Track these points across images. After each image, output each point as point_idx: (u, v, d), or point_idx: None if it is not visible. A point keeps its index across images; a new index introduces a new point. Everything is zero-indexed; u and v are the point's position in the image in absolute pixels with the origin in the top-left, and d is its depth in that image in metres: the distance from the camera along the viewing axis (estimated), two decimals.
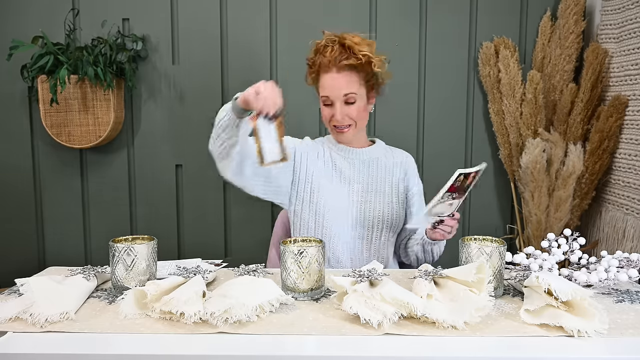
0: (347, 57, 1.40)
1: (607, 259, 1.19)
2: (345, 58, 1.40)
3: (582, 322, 0.94)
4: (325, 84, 1.43)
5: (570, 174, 1.90)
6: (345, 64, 1.40)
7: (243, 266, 1.15)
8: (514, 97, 1.99)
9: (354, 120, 1.46)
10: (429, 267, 1.14)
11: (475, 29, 2.10)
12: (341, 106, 1.43)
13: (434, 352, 0.89)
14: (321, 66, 1.43)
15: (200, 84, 2.12)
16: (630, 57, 1.82)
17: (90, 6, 2.08)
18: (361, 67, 1.42)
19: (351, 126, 1.46)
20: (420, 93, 2.14)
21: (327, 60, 1.41)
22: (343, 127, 1.46)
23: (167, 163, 2.17)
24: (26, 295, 1.03)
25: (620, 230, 1.84)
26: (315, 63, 1.46)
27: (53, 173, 2.17)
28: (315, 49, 1.46)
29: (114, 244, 1.12)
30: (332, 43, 1.42)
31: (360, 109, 1.45)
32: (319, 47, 1.45)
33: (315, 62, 1.46)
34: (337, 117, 1.44)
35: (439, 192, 1.16)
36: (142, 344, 0.92)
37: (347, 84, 1.41)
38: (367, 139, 1.59)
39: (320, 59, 1.43)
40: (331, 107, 1.45)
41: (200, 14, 2.09)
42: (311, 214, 1.49)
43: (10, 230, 2.19)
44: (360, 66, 1.41)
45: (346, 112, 1.44)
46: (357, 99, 1.44)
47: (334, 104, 1.44)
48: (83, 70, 1.90)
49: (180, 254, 2.21)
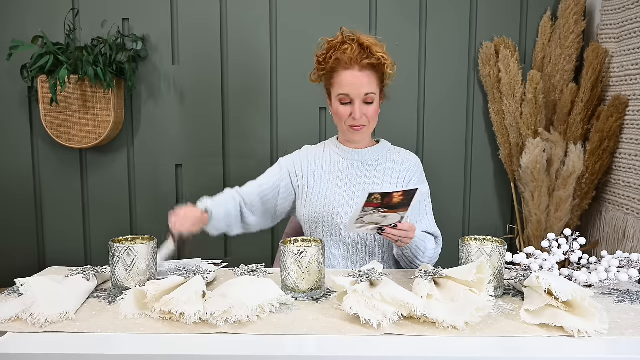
0: (367, 56, 1.39)
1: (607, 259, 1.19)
2: (366, 57, 1.39)
3: (583, 322, 0.94)
4: (346, 81, 1.41)
5: (570, 174, 1.90)
6: (368, 63, 1.39)
7: (243, 266, 1.15)
8: (514, 97, 1.99)
9: (369, 120, 1.46)
10: (429, 267, 1.14)
11: (475, 29, 2.10)
12: (360, 105, 1.42)
13: (434, 352, 0.89)
14: (340, 63, 1.41)
15: (200, 84, 2.12)
16: (630, 56, 1.82)
17: (90, 6, 2.08)
18: (379, 68, 1.42)
19: (365, 126, 1.46)
20: (420, 93, 2.14)
21: (347, 58, 1.39)
22: (360, 127, 1.45)
23: (167, 163, 2.17)
24: (26, 295, 1.04)
25: (620, 230, 1.84)
26: (328, 60, 1.43)
27: (53, 173, 2.17)
28: (330, 46, 1.44)
29: (114, 244, 1.12)
30: (351, 41, 1.41)
31: (376, 110, 1.46)
32: (335, 44, 1.43)
33: (328, 58, 1.43)
34: (356, 116, 1.42)
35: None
36: (142, 344, 0.92)
37: (369, 83, 1.41)
38: (372, 139, 1.58)
39: (337, 55, 1.41)
40: (349, 106, 1.43)
41: (200, 14, 2.09)
42: (311, 218, 1.51)
43: (10, 230, 2.19)
44: (378, 67, 1.42)
45: (364, 112, 1.43)
46: (375, 99, 1.44)
47: (353, 102, 1.42)
48: (83, 70, 1.90)
49: (180, 254, 2.20)
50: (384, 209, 1.20)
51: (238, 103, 2.13)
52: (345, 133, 1.51)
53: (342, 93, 1.42)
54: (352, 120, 1.44)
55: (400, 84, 2.09)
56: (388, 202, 1.18)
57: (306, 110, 2.11)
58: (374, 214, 1.21)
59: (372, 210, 1.19)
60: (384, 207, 1.19)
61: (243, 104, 2.13)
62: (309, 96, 2.06)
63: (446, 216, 2.14)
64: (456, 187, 2.17)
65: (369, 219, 1.22)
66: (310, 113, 2.12)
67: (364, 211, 1.19)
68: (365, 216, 1.21)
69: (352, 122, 1.44)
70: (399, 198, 1.18)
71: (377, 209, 1.19)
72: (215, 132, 2.14)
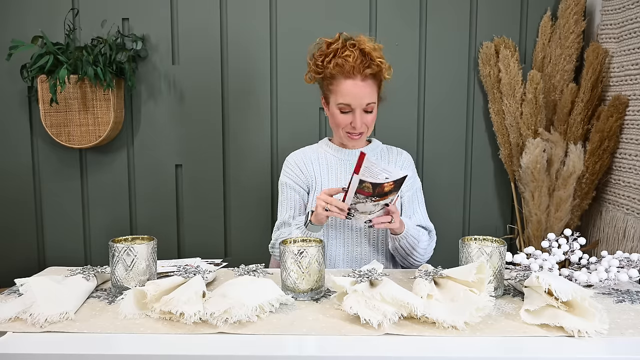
0: (369, 65, 1.38)
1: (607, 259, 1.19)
2: (367, 66, 1.38)
3: (583, 322, 0.94)
4: (347, 90, 1.39)
5: (570, 174, 1.90)
6: (370, 73, 1.38)
7: (243, 266, 1.15)
8: (514, 97, 1.99)
9: (368, 127, 1.46)
10: (429, 267, 1.14)
11: (475, 29, 2.10)
12: (361, 114, 1.42)
13: (434, 352, 0.89)
14: (341, 71, 1.39)
15: (200, 84, 2.12)
16: (630, 56, 1.82)
17: (90, 6, 2.08)
18: (378, 75, 1.41)
19: (363, 133, 1.47)
20: (420, 93, 2.13)
21: (349, 66, 1.37)
22: (358, 134, 1.46)
23: (167, 163, 2.17)
24: (26, 295, 1.04)
25: (620, 230, 1.84)
26: (327, 64, 1.40)
27: (53, 173, 2.17)
28: (330, 50, 1.41)
29: (114, 244, 1.12)
30: (352, 47, 1.38)
31: (374, 117, 1.46)
32: (334, 49, 1.40)
33: (327, 63, 1.40)
34: (356, 125, 1.42)
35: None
36: (142, 344, 0.92)
37: (370, 93, 1.41)
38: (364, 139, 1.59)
39: (338, 61, 1.38)
40: (349, 115, 1.43)
41: (200, 14, 2.09)
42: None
43: (10, 230, 2.19)
44: (378, 74, 1.41)
45: (364, 120, 1.44)
46: (374, 107, 1.45)
47: (354, 112, 1.42)
48: (83, 70, 1.90)
49: (180, 254, 2.21)
50: (376, 197, 1.22)
51: (238, 103, 2.13)
52: (341, 138, 1.51)
53: (343, 102, 1.41)
54: (351, 128, 1.44)
55: (400, 84, 2.09)
56: (380, 191, 1.20)
57: (306, 110, 2.11)
58: (367, 202, 1.23)
59: (364, 199, 1.22)
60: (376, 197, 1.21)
61: (243, 104, 2.13)
62: (309, 96, 2.05)
63: (446, 216, 2.14)
64: (456, 187, 2.17)
65: (362, 207, 1.24)
66: (309, 113, 2.12)
67: (356, 197, 1.22)
68: (358, 204, 1.23)
69: (352, 130, 1.45)
70: (390, 187, 1.20)
71: (369, 197, 1.22)
72: (215, 132, 2.14)
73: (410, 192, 1.55)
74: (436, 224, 1.61)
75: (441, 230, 1.55)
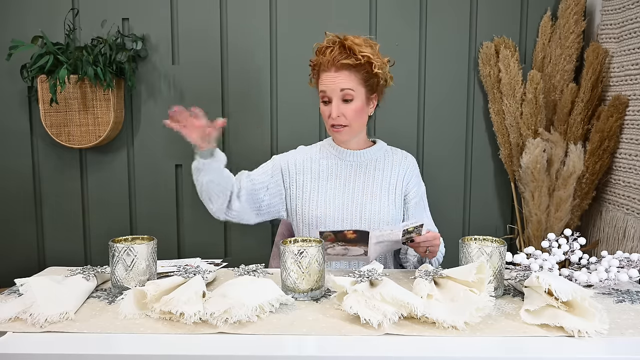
0: (347, 56, 1.41)
1: (607, 259, 1.19)
2: (344, 58, 1.41)
3: (583, 322, 0.94)
4: (322, 79, 1.45)
5: (570, 174, 1.90)
6: (343, 63, 1.41)
7: (243, 266, 1.15)
8: (514, 97, 1.99)
9: (349, 120, 1.45)
10: (429, 267, 1.14)
11: (475, 29, 2.10)
12: (338, 103, 1.44)
13: (434, 352, 0.89)
14: (321, 66, 1.45)
15: (200, 84, 2.12)
16: (630, 56, 1.82)
17: (90, 6, 2.08)
18: (360, 67, 1.42)
19: (346, 127, 1.46)
20: (420, 93, 2.13)
21: (326, 60, 1.43)
22: (339, 127, 1.46)
23: (167, 163, 2.16)
24: (26, 295, 1.03)
25: (620, 230, 1.84)
26: (316, 64, 1.48)
27: (53, 173, 2.17)
28: (317, 50, 1.48)
29: (114, 244, 1.12)
30: (333, 44, 1.44)
31: (357, 109, 1.45)
32: (320, 47, 1.47)
33: (316, 63, 1.48)
34: (332, 114, 1.44)
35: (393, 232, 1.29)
36: (142, 344, 0.92)
37: (345, 80, 1.43)
38: (368, 140, 1.58)
39: (320, 59, 1.45)
40: (329, 105, 1.46)
41: (200, 14, 2.09)
42: (305, 221, 1.51)
43: (10, 230, 2.19)
44: (359, 66, 1.42)
45: (342, 110, 1.44)
46: (355, 97, 1.44)
47: (331, 101, 1.44)
48: (83, 70, 1.90)
49: (180, 254, 2.21)
50: (342, 243, 1.26)
51: (238, 103, 2.13)
52: (330, 133, 1.52)
53: (320, 90, 1.47)
54: (331, 119, 1.46)
55: (400, 85, 2.08)
56: (342, 237, 1.24)
57: (306, 110, 2.11)
58: (335, 246, 1.27)
59: (331, 244, 1.26)
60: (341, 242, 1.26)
61: (243, 104, 2.13)
62: (309, 96, 2.05)
63: (446, 216, 2.14)
64: (456, 187, 2.17)
65: (332, 251, 1.28)
66: (309, 113, 2.12)
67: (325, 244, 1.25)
68: (328, 248, 1.27)
69: (331, 121, 1.46)
70: (352, 236, 1.24)
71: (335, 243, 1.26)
72: None
73: (416, 198, 1.55)
74: (436, 223, 1.61)
75: (441, 230, 1.54)
